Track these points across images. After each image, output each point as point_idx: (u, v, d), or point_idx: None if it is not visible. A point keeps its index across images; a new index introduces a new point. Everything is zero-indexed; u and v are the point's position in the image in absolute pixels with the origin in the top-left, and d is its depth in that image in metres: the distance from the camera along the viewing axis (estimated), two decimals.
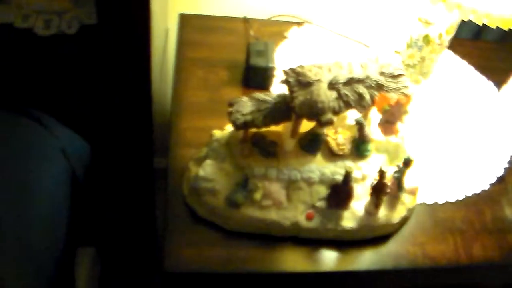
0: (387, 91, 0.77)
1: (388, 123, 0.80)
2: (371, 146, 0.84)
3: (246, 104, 0.80)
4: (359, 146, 0.84)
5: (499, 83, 1.16)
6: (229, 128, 0.87)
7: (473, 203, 0.94)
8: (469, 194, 0.94)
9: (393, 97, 0.76)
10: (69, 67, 1.07)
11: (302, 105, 0.74)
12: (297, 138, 0.83)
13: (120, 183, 1.17)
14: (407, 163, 0.80)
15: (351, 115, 0.86)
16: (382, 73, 0.79)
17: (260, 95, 0.81)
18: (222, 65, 1.06)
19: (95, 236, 1.25)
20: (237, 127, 0.79)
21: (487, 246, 0.88)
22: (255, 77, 1.00)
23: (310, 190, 0.82)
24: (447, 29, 0.93)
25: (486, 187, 0.96)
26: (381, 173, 0.78)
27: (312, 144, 0.83)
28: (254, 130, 0.81)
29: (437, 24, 0.92)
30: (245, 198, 0.79)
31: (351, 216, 0.82)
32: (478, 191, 0.95)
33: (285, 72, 0.77)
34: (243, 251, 0.80)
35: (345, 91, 0.76)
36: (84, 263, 1.17)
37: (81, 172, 1.11)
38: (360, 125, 0.82)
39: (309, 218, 0.81)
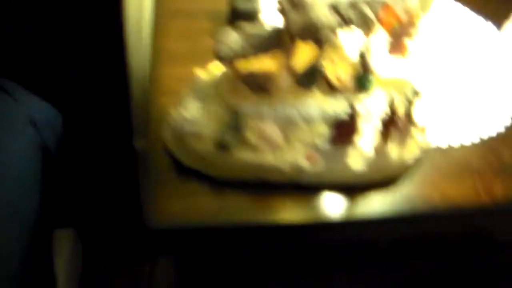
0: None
1: (395, 41, 0.71)
2: (373, 78, 0.75)
3: (232, 35, 0.70)
4: (361, 79, 0.74)
5: (499, 24, 1.08)
6: (214, 67, 0.77)
7: (490, 145, 0.85)
8: (484, 137, 0.85)
9: (401, 10, 0.67)
10: (35, 32, 0.97)
11: (298, 27, 0.64)
12: (293, 73, 0.73)
13: (97, 155, 1.06)
14: (415, 93, 0.71)
15: (350, 47, 0.76)
16: None
17: (247, 25, 0.72)
18: (204, 14, 0.97)
19: (73, 216, 1.14)
20: (223, 59, 0.69)
21: (508, 186, 0.79)
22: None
23: (309, 129, 0.72)
24: None
25: (502, 129, 0.87)
26: (392, 108, 0.69)
27: (309, 77, 0.73)
28: (243, 66, 0.71)
29: None
30: (236, 140, 0.70)
31: (358, 155, 0.72)
32: (493, 134, 0.86)
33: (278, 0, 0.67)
34: (236, 202, 0.70)
35: (347, 11, 0.66)
36: (62, 246, 1.06)
37: (53, 143, 1.00)
38: (362, 56, 0.73)
39: (310, 159, 0.71)
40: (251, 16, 0.90)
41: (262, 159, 0.70)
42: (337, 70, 0.74)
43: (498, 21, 1.07)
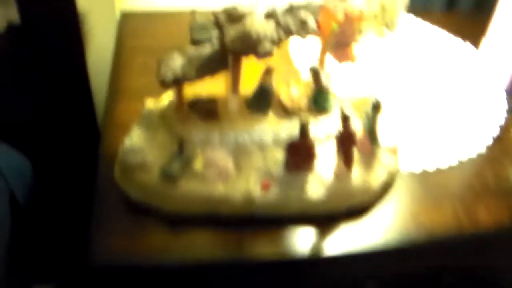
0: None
1: (341, 47, 0.66)
2: (331, 98, 0.70)
3: (176, 59, 0.67)
4: (317, 99, 0.70)
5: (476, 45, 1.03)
6: (166, 97, 0.74)
7: (470, 167, 0.78)
8: (464, 159, 0.79)
9: (340, 11, 0.63)
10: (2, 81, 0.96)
11: (234, 40, 0.61)
12: (243, 97, 0.70)
13: (67, 202, 1.02)
14: (376, 107, 0.66)
15: (305, 69, 0.73)
16: None
17: (192, 48, 0.69)
18: (164, 50, 0.95)
19: (52, 269, 1.08)
20: (166, 84, 0.66)
21: (492, 209, 0.71)
22: None
23: (263, 155, 0.68)
24: None
25: (483, 149, 0.81)
26: (345, 118, 0.63)
27: (261, 100, 0.69)
28: (189, 91, 0.68)
29: None
30: (183, 169, 0.65)
31: (318, 181, 0.67)
32: (473, 155, 0.80)
33: (215, 14, 0.65)
34: (185, 238, 0.64)
35: (285, 18, 0.63)
36: None
37: (22, 194, 0.96)
38: (315, 72, 0.69)
39: (265, 187, 0.66)
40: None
41: (212, 190, 0.65)
42: (290, 90, 0.70)
43: (475, 41, 1.03)
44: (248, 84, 0.69)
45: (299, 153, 0.65)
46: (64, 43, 0.85)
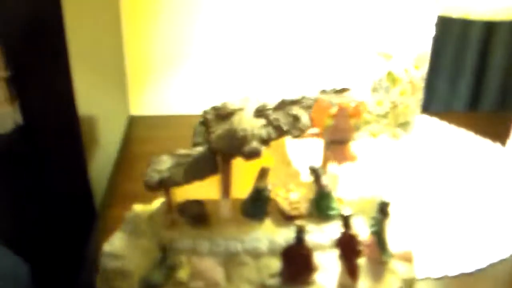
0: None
1: (338, 145, 0.61)
2: (336, 202, 0.64)
3: (164, 161, 0.64)
4: (319, 203, 0.64)
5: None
6: (156, 203, 0.69)
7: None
8: (493, 261, 0.69)
9: (333, 105, 0.59)
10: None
11: (220, 139, 0.57)
12: (238, 201, 0.64)
13: None
14: (383, 209, 0.59)
15: (305, 170, 0.68)
16: (322, 91, 0.62)
17: (183, 150, 0.65)
18: None
19: None
20: (151, 187, 0.62)
21: None
22: None
23: (257, 265, 0.61)
24: (413, 62, 0.78)
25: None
26: (345, 220, 0.57)
27: (256, 205, 0.64)
28: (178, 194, 0.63)
29: (398, 56, 0.78)
30: (165, 279, 0.58)
31: None
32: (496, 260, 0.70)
33: (204, 112, 0.62)
34: None
35: (276, 115, 0.59)
36: None
37: None
38: (315, 173, 0.64)
39: None
40: None
41: None
42: (289, 193, 0.65)
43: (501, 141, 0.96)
44: (245, 187, 0.64)
45: (296, 262, 0.58)
46: (65, 146, 0.84)
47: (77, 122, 0.85)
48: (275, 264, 0.60)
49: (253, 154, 0.56)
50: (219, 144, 0.57)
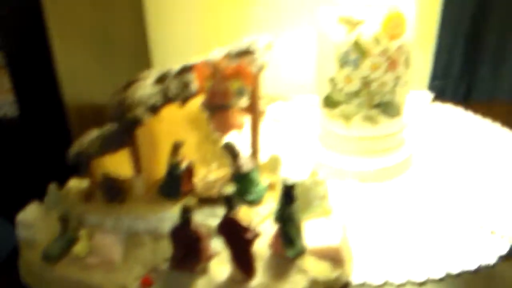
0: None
1: (220, 112, 0.55)
2: (257, 184, 0.59)
3: (90, 135, 0.64)
4: (237, 186, 0.59)
5: None
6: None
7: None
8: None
9: (212, 62, 0.52)
10: None
11: (111, 107, 0.56)
12: (153, 179, 0.62)
13: None
14: (287, 192, 0.52)
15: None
16: (227, 54, 0.56)
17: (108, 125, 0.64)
18: None
19: None
20: (69, 160, 0.62)
21: None
22: None
23: (154, 247, 0.58)
24: (389, 27, 0.63)
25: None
26: (227, 201, 0.51)
27: (169, 183, 0.61)
28: (100, 168, 0.63)
29: (368, 21, 0.63)
30: (63, 251, 0.58)
31: (207, 285, 0.54)
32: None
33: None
34: None
35: (172, 83, 0.55)
36: None
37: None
38: (231, 151, 0.59)
39: (144, 285, 0.55)
40: None
41: (89, 277, 0.57)
42: (208, 177, 0.60)
43: None
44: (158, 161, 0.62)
45: (184, 245, 0.54)
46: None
47: None
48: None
49: (136, 121, 0.53)
50: (109, 112, 0.55)
